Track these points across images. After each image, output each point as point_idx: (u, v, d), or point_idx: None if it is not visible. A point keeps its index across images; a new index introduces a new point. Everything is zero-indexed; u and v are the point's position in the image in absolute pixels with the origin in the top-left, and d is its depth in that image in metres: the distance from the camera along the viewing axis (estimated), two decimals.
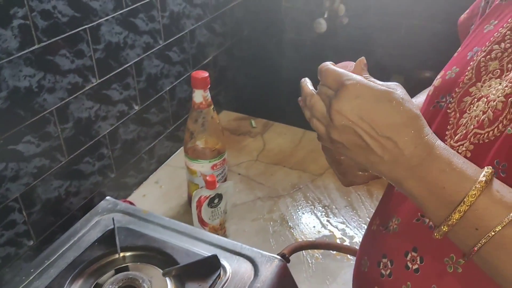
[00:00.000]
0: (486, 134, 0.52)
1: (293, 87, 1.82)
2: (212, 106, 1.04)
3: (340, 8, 1.58)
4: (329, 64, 0.53)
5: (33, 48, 0.84)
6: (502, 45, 0.56)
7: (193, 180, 1.10)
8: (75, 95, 0.95)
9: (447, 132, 0.58)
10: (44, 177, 0.93)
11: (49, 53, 0.87)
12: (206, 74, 1.00)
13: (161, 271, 0.77)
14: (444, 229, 0.48)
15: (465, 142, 0.55)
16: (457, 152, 0.52)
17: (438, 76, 0.65)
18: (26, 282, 0.76)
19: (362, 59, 0.55)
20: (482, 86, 0.56)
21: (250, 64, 1.65)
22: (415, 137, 0.48)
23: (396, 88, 0.50)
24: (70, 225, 0.94)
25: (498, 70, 0.55)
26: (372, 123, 0.48)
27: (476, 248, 0.46)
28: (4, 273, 0.89)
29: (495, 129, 0.52)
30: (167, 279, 0.76)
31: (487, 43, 0.58)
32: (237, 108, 1.56)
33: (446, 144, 0.52)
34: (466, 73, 0.59)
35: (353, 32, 1.60)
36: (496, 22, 0.60)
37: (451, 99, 0.59)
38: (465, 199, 0.46)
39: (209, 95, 1.03)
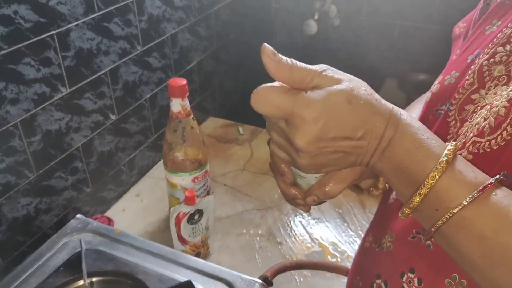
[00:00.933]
0: (487, 143, 0.47)
1: None
2: (192, 116, 0.98)
3: (331, 9, 1.52)
4: (259, 91, 0.45)
5: None
6: (508, 47, 0.50)
7: (174, 193, 1.04)
8: (42, 106, 0.88)
9: (446, 142, 0.53)
10: (10, 195, 0.87)
11: (10, 61, 0.81)
12: (184, 81, 0.94)
13: None
14: (406, 211, 0.46)
15: (463, 152, 0.48)
16: None
17: (436, 82, 0.58)
18: None
19: (263, 47, 0.45)
20: (486, 94, 0.50)
21: (237, 69, 1.58)
22: (383, 120, 0.45)
23: (340, 80, 0.45)
24: (41, 244, 0.88)
25: (505, 76, 0.49)
26: (344, 133, 0.45)
27: (433, 229, 0.44)
28: None
29: (498, 138, 0.46)
30: None
31: (489, 45, 0.52)
32: (224, 115, 1.50)
33: None
34: (467, 77, 0.52)
35: (345, 34, 1.54)
36: (500, 22, 0.54)
37: (450, 106, 0.53)
38: (425, 182, 0.44)
39: (188, 103, 0.96)
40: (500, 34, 0.52)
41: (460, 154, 0.48)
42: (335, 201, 1.15)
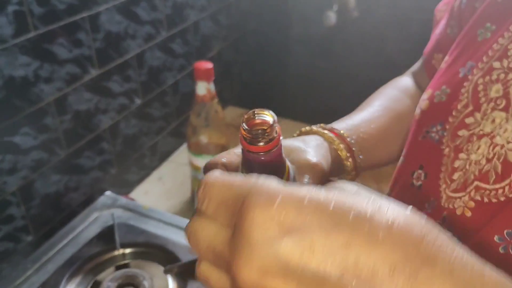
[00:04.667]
0: (493, 192, 0.39)
1: (300, 82, 1.80)
2: (216, 100, 1.00)
3: (350, 1, 1.54)
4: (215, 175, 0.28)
5: (29, 36, 0.80)
6: (505, 62, 0.43)
7: (197, 176, 1.07)
8: (73, 86, 0.91)
9: (440, 175, 0.45)
10: (42, 171, 0.90)
11: (46, 41, 0.84)
12: (210, 65, 0.96)
13: (162, 268, 0.73)
14: None
15: (464, 196, 0.41)
16: (454, 207, 0.41)
17: (425, 96, 0.51)
18: (23, 278, 0.73)
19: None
20: (482, 119, 0.43)
21: (256, 59, 1.61)
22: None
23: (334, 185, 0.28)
24: (70, 221, 0.90)
25: (503, 99, 0.42)
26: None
27: None
28: (3, 268, 0.85)
29: (506, 188, 0.38)
30: (168, 277, 0.72)
31: (484, 58, 0.45)
32: (243, 104, 1.52)
33: (441, 195, 0.42)
34: (461, 98, 0.46)
35: (363, 26, 1.55)
36: (494, 27, 0.47)
37: (444, 132, 0.46)
38: None
39: (213, 87, 0.99)
40: (495, 44, 0.45)
41: (460, 198, 0.42)
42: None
